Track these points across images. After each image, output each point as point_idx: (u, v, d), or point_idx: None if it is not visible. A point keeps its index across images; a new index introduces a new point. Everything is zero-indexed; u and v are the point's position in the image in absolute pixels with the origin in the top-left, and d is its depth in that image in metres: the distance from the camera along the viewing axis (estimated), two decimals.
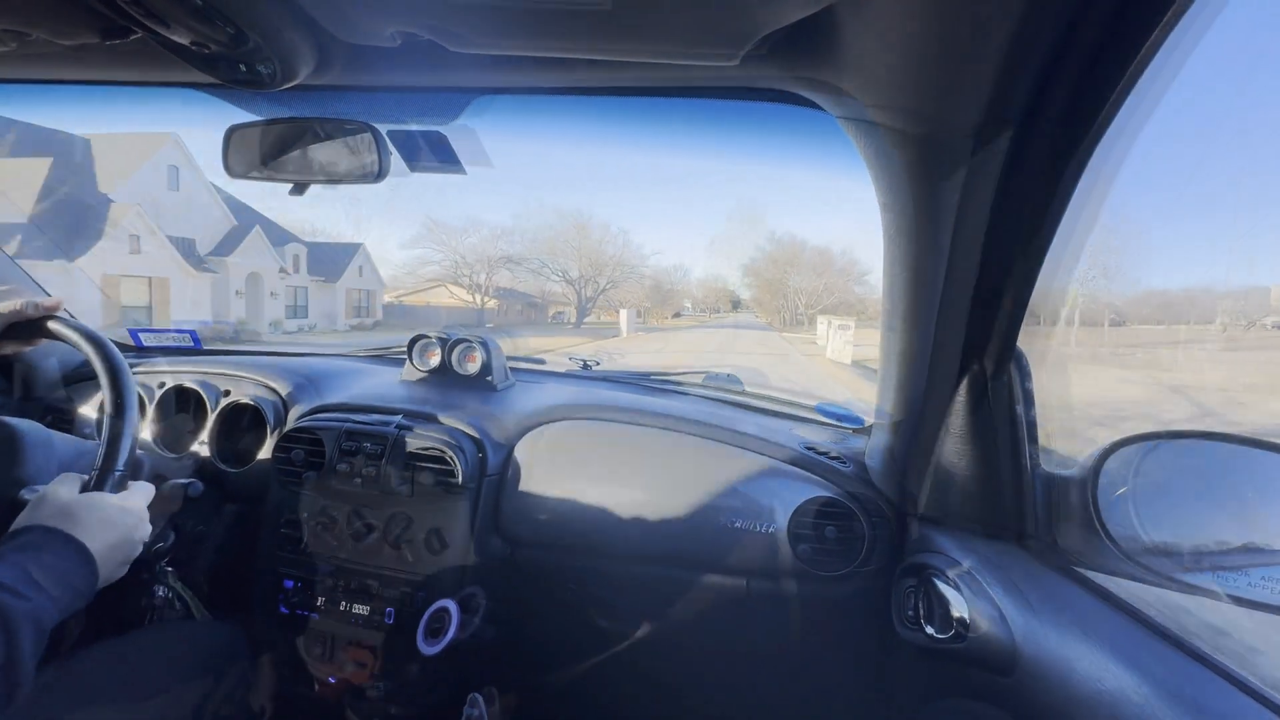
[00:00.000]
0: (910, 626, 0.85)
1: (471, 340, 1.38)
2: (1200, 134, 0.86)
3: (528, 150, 47.60)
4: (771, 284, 41.25)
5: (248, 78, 0.78)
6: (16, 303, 0.80)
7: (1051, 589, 0.73)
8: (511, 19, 0.63)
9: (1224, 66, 0.60)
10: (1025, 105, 0.58)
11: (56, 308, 0.82)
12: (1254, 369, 2.50)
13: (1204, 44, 0.51)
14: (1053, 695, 0.61)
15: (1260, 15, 0.67)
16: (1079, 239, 0.66)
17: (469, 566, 1.10)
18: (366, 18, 0.67)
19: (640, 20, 0.62)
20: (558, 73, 0.79)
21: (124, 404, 0.76)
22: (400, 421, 1.12)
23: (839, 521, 1.05)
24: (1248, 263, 1.22)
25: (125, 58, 0.83)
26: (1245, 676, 0.54)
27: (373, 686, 1.07)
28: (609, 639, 1.18)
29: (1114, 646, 0.60)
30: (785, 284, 40.02)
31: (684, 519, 1.08)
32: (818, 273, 40.58)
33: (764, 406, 1.45)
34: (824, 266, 41.10)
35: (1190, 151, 0.86)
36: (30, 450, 0.80)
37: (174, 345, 1.59)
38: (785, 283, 40.12)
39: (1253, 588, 0.61)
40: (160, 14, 0.62)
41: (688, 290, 46.58)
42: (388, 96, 0.96)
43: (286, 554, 1.09)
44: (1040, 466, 0.83)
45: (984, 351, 0.79)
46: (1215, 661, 0.56)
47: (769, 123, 0.91)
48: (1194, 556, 0.69)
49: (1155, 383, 3.05)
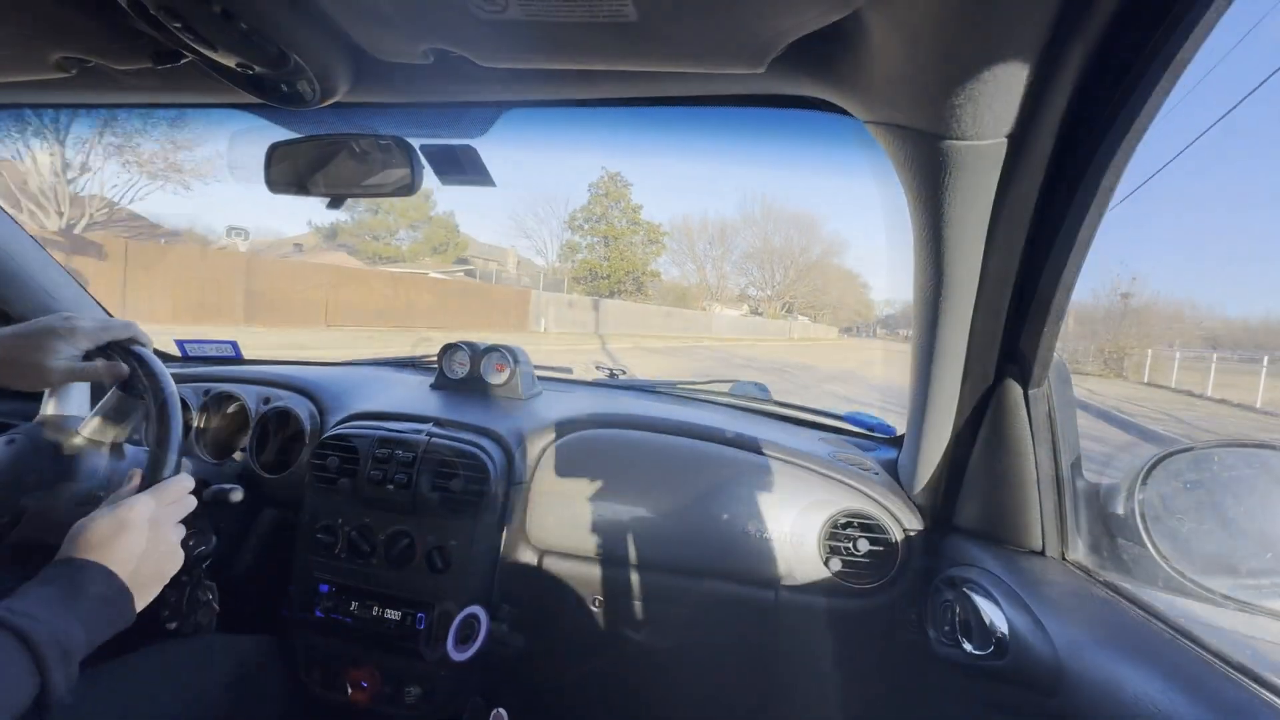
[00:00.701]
0: (947, 642, 0.82)
1: (501, 350, 1.40)
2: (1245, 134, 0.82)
3: (556, 161, 48.71)
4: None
5: (289, 96, 0.81)
6: (121, 322, 0.83)
7: (1097, 606, 0.70)
8: (539, 34, 0.65)
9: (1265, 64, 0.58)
10: (1063, 106, 0.57)
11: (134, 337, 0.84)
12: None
13: (1244, 45, 0.49)
14: (1100, 718, 0.58)
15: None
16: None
17: (498, 574, 1.11)
18: (400, 37, 0.70)
19: (666, 31, 0.63)
20: (584, 85, 0.80)
21: (168, 411, 0.79)
22: (432, 429, 1.14)
23: (871, 533, 1.03)
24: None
25: (176, 81, 0.87)
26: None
27: (404, 692, 1.08)
28: (636, 649, 1.17)
29: (1166, 667, 0.57)
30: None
31: (712, 529, 1.07)
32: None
33: (793, 415, 1.43)
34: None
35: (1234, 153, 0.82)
36: (81, 455, 0.83)
37: (216, 355, 1.65)
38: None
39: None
40: (209, 38, 0.66)
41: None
42: (420, 112, 0.99)
43: (321, 559, 1.12)
44: (1081, 477, 0.80)
45: (1020, 359, 0.77)
46: (1278, 686, 0.53)
47: (796, 130, 0.91)
48: (1251, 573, 0.65)
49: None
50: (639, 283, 38.73)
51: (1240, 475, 0.72)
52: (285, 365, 1.56)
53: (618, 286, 37.70)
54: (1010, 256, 0.69)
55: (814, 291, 55.21)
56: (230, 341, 1.68)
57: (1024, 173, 0.62)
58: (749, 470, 1.11)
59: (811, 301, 56.06)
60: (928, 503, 1.00)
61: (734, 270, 50.96)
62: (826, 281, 56.71)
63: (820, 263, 54.99)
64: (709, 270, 48.65)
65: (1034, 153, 0.60)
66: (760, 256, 51.98)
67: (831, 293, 59.23)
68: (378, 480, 1.09)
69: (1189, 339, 28.45)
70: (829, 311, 60.93)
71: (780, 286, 51.76)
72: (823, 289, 56.69)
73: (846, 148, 0.86)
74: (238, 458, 1.28)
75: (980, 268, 0.71)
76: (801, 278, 52.99)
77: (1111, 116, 0.56)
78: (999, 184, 0.63)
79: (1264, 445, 0.71)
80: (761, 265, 51.86)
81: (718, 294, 48.37)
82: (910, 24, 0.53)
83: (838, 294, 60.72)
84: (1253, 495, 0.71)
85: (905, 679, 1.05)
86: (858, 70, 0.64)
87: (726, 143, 1.08)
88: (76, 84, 0.88)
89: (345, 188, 0.99)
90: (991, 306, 0.74)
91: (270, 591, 1.18)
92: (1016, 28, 0.49)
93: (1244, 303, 69.19)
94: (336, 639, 1.11)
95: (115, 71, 0.82)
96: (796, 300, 53.81)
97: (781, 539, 1.05)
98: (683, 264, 48.57)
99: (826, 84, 0.70)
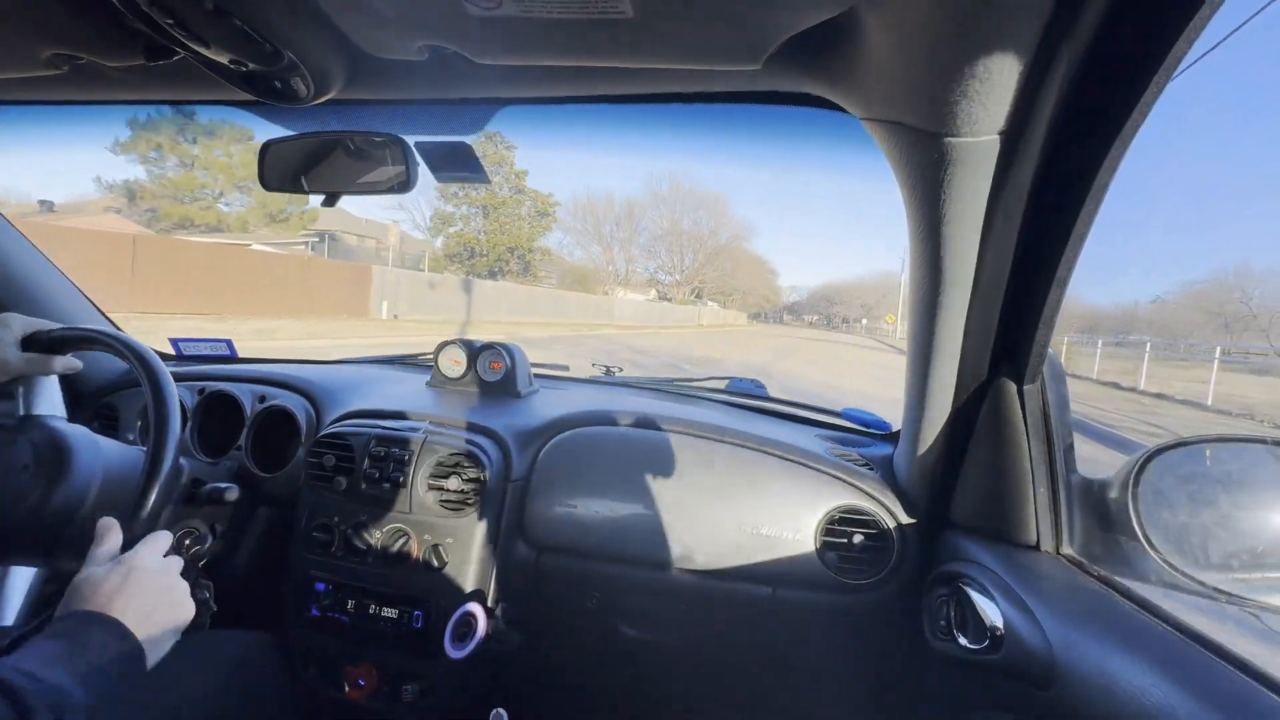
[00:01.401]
0: (943, 637, 0.82)
1: (496, 347, 1.40)
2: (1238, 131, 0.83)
3: (551, 158, 48.15)
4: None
5: (283, 94, 0.81)
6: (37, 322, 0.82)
7: (1091, 600, 0.70)
8: (535, 30, 0.65)
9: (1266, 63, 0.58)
10: (1056, 102, 0.57)
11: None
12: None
13: (1237, 43, 0.49)
14: (1094, 711, 0.59)
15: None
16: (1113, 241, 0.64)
17: (495, 571, 1.11)
18: (395, 34, 0.69)
19: (662, 28, 0.63)
20: (580, 82, 0.80)
21: (167, 411, 0.79)
22: (428, 427, 1.14)
23: (867, 529, 1.03)
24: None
25: (168, 78, 0.86)
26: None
27: (401, 690, 1.08)
28: (633, 646, 1.17)
29: (1160, 660, 0.58)
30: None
31: (708, 525, 1.08)
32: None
33: (788, 412, 1.43)
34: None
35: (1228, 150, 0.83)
36: (78, 453, 0.83)
37: (211, 354, 1.64)
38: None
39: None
40: (201, 35, 0.65)
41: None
42: (415, 109, 0.99)
43: (317, 557, 1.12)
44: (1076, 472, 0.80)
45: (1015, 355, 0.77)
46: (1272, 678, 0.53)
47: (793, 126, 0.91)
48: (1245, 567, 0.66)
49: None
50: (525, 261, 33.30)
51: (1231, 470, 0.72)
52: (281, 364, 1.55)
53: (499, 265, 32.10)
54: (1004, 253, 0.70)
55: (723, 276, 53.25)
56: (225, 340, 1.67)
57: (1018, 169, 0.62)
58: (745, 467, 1.11)
59: (721, 287, 54.52)
60: (923, 498, 1.01)
61: (642, 253, 48.73)
62: (736, 266, 54.83)
63: (730, 246, 52.85)
64: (616, 253, 45.73)
65: (1028, 149, 0.60)
66: (669, 239, 49.32)
67: (740, 277, 57.49)
68: (374, 478, 1.09)
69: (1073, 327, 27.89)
70: (738, 297, 59.71)
71: (689, 271, 49.86)
72: (731, 273, 54.69)
73: (843, 145, 0.86)
74: (234, 456, 1.28)
75: (975, 264, 0.72)
76: (710, 262, 50.89)
77: (1105, 113, 0.56)
78: (993, 180, 0.63)
79: (1256, 440, 0.72)
80: (670, 248, 49.39)
81: (626, 279, 45.68)
82: (905, 21, 0.54)
83: (748, 279, 59.06)
84: (1243, 490, 0.72)
85: (901, 674, 1.06)
86: (853, 67, 0.64)
87: (723, 140, 1.08)
88: (68, 81, 0.87)
89: (340, 185, 0.98)
90: (986, 303, 0.75)
91: (267, 590, 1.18)
92: (1010, 25, 0.50)
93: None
94: (333, 637, 1.11)
95: (107, 68, 0.81)
96: (706, 285, 52.07)
97: (778, 535, 1.05)
98: (588, 245, 45.04)
99: (822, 81, 0.71)
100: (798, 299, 70.32)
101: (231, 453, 1.28)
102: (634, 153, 41.14)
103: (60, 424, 0.86)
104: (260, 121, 0.99)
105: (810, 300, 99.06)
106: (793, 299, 72.17)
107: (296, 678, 1.12)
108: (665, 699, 1.28)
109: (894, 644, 1.05)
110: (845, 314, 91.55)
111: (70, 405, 1.39)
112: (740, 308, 59.04)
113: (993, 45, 0.51)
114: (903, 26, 0.54)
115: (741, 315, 56.74)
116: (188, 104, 1.02)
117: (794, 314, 71.94)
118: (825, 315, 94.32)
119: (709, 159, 48.43)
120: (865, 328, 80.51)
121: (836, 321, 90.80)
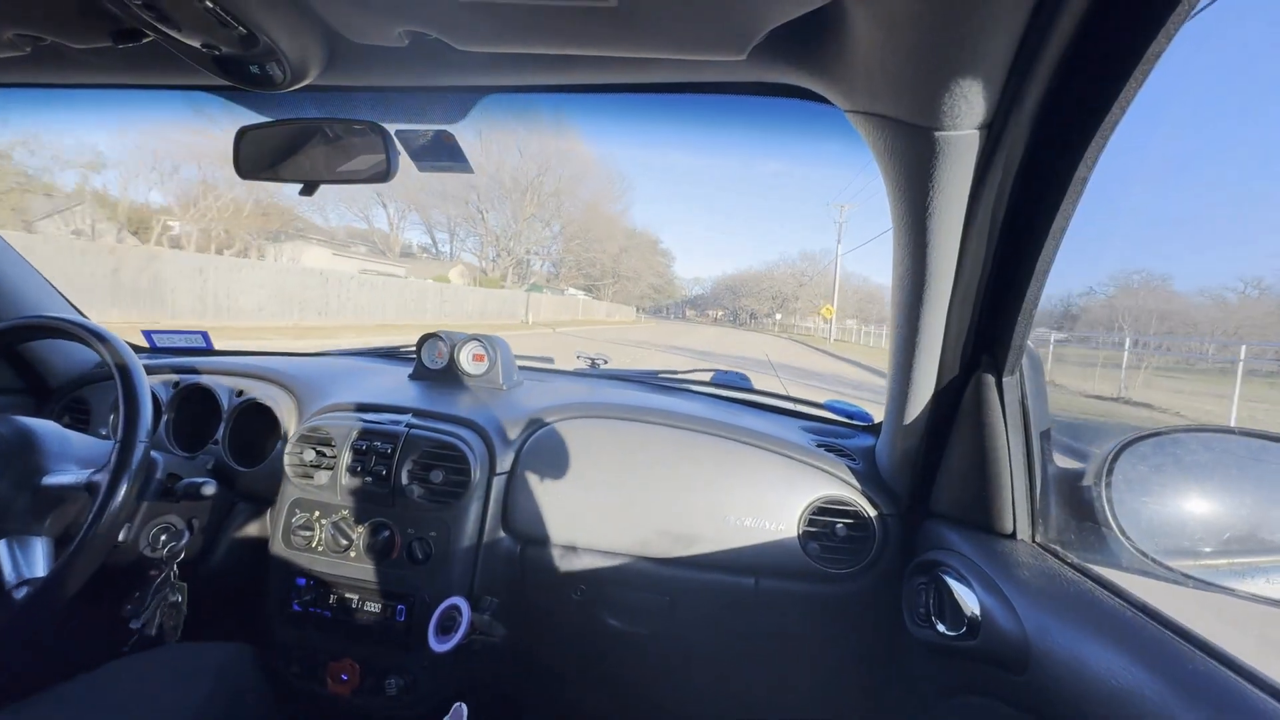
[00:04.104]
0: (922, 624, 0.84)
1: (479, 339, 1.39)
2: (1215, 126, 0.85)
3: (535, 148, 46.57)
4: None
5: (258, 79, 0.79)
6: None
7: (1065, 586, 0.72)
8: (519, 17, 0.64)
9: (1246, 57, 0.60)
10: (1037, 97, 0.57)
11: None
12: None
13: (1219, 36, 0.50)
14: (1066, 693, 0.60)
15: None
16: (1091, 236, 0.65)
17: (479, 564, 1.10)
18: (375, 18, 0.68)
19: (647, 17, 0.62)
20: (564, 71, 0.79)
21: (138, 403, 0.77)
22: (410, 420, 1.12)
23: (849, 519, 1.05)
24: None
25: (138, 61, 0.84)
26: (1266, 675, 0.53)
27: (384, 684, 1.07)
28: (618, 637, 1.18)
29: (1129, 644, 0.60)
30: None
31: (693, 517, 1.08)
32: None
33: (772, 404, 1.44)
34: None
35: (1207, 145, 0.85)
36: (46, 449, 0.81)
37: (186, 345, 1.60)
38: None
39: (1271, 584, 0.60)
40: (172, 17, 0.63)
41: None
42: (396, 96, 0.97)
43: (298, 553, 1.10)
44: (1052, 463, 0.82)
45: (994, 348, 0.78)
46: (1233, 659, 0.55)
47: (778, 118, 0.90)
48: (1211, 553, 0.68)
49: None
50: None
51: (1200, 459, 0.74)
52: (258, 356, 1.52)
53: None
54: (986, 246, 0.71)
55: (592, 254, 39.18)
56: (201, 332, 1.64)
57: (999, 163, 0.63)
58: (730, 458, 1.12)
59: (588, 270, 40.90)
60: (904, 488, 1.02)
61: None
62: (621, 249, 42.26)
63: (605, 217, 37.65)
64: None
65: (1009, 143, 0.61)
66: (488, 189, 33.63)
67: (627, 262, 45.32)
68: (356, 472, 1.07)
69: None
70: (618, 284, 47.42)
71: (513, 232, 33.93)
72: (616, 257, 42.80)
73: (829, 136, 0.87)
74: (211, 451, 1.25)
75: (957, 257, 0.72)
76: (571, 234, 36.34)
77: (1085, 108, 0.57)
78: (975, 174, 0.64)
79: (1224, 430, 0.74)
80: (484, 199, 33.88)
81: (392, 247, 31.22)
82: (889, 13, 0.54)
83: (636, 264, 47.19)
84: (1212, 479, 0.74)
85: (881, 661, 1.08)
86: (838, 59, 0.64)
87: (708, 130, 1.07)
88: (31, 63, 0.84)
89: (319, 174, 0.96)
90: (967, 295, 0.76)
91: (245, 590, 1.17)
92: (993, 19, 0.50)
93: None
94: (316, 632, 1.10)
95: (73, 50, 0.78)
96: (561, 266, 36.91)
97: (762, 525, 1.06)
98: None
99: (807, 72, 0.70)
100: (702, 292, 66.11)
101: (209, 447, 1.26)
102: (621, 143, 39.75)
103: (26, 419, 0.83)
104: (235, 107, 0.96)
105: (715, 294, 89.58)
106: (695, 291, 68.01)
107: (278, 690, 1.09)
108: (651, 690, 1.29)
109: (875, 632, 1.07)
110: (753, 308, 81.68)
111: (39, 399, 1.35)
112: (624, 299, 47.54)
113: (976, 39, 0.51)
114: (887, 19, 0.54)
115: (629, 309, 46.54)
116: (158, 88, 0.98)
117: (697, 308, 68.01)
118: (732, 310, 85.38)
119: (699, 150, 46.64)
120: (778, 323, 71.33)
121: (744, 317, 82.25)
